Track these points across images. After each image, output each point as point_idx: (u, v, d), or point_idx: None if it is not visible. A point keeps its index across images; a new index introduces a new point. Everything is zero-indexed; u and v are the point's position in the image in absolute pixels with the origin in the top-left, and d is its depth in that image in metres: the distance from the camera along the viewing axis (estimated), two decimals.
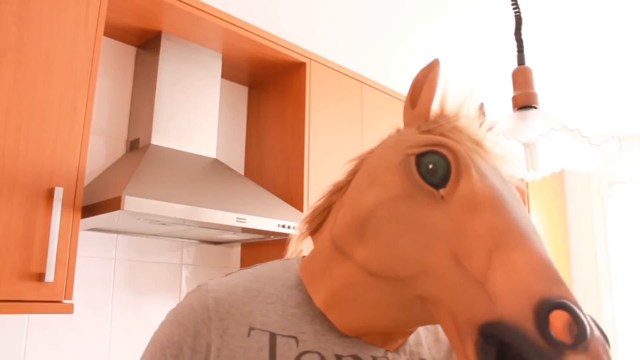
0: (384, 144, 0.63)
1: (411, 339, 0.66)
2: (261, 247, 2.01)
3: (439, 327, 0.71)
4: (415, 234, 0.54)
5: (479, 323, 0.48)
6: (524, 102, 1.06)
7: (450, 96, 0.62)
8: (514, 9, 1.14)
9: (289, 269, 0.66)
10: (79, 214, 1.32)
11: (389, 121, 2.35)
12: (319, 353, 0.59)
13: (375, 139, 2.24)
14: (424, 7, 1.71)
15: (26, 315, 1.51)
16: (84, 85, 1.37)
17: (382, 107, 2.32)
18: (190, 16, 1.68)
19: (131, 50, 1.87)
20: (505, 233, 0.51)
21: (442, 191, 0.55)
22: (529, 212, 2.68)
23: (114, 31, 1.77)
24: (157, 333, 0.62)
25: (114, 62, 1.81)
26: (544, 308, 0.45)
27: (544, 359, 0.44)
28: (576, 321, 0.44)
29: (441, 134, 0.59)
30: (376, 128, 2.26)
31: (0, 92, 1.23)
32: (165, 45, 1.76)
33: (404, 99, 2.43)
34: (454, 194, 0.54)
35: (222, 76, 2.13)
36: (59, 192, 1.27)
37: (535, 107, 1.06)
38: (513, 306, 0.47)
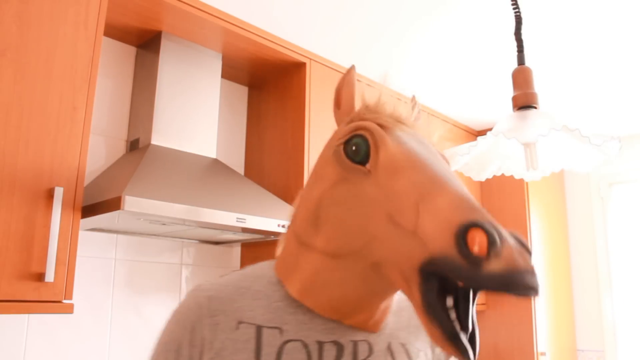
0: (325, 145, 0.71)
1: (392, 322, 0.72)
2: (261, 247, 2.01)
3: None
4: (355, 209, 0.61)
5: (417, 266, 0.54)
6: (524, 102, 1.06)
7: (370, 91, 0.69)
8: (514, 9, 1.14)
9: (272, 267, 0.73)
10: (79, 214, 1.32)
11: None
12: (301, 341, 0.64)
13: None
14: (423, 7, 1.71)
15: (26, 315, 1.51)
16: (84, 85, 1.37)
17: None
18: (190, 16, 1.68)
19: (131, 50, 1.87)
20: (426, 184, 0.57)
21: (368, 166, 0.62)
22: (528, 212, 2.68)
23: (114, 31, 1.77)
24: (160, 333, 0.68)
25: (114, 62, 1.81)
26: (460, 231, 0.51)
27: (466, 276, 0.50)
28: (487, 234, 0.50)
29: (361, 120, 0.67)
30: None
31: (0, 92, 1.23)
32: (165, 45, 1.76)
33: (404, 99, 2.43)
34: (378, 165, 0.62)
35: (222, 76, 2.13)
36: (59, 192, 1.27)
37: (535, 107, 1.06)
38: (439, 241, 0.52)
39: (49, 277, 1.22)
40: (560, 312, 2.80)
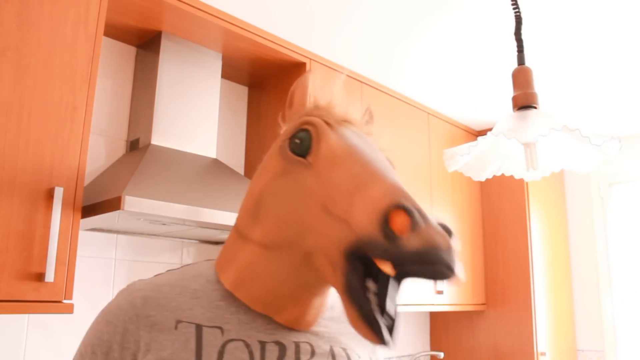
0: (273, 144, 0.73)
1: (333, 327, 0.72)
2: None
3: None
4: (293, 199, 0.62)
5: (343, 249, 0.55)
6: (524, 102, 1.06)
7: (325, 93, 0.70)
8: (514, 9, 1.14)
9: (212, 266, 0.71)
10: (79, 214, 1.32)
11: (388, 120, 2.35)
12: (243, 341, 0.63)
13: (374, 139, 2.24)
14: (423, 7, 1.71)
15: (26, 315, 1.51)
16: (84, 85, 1.37)
17: (382, 106, 2.32)
18: (190, 16, 1.68)
19: (131, 50, 1.87)
20: (362, 175, 0.58)
21: (309, 158, 0.63)
22: (528, 212, 2.68)
23: (114, 31, 1.77)
24: (87, 333, 0.66)
25: (114, 62, 1.81)
26: (384, 213, 0.53)
27: (386, 253, 0.52)
28: (409, 216, 0.52)
29: (309, 116, 0.68)
30: (376, 128, 2.26)
31: (0, 92, 1.23)
32: (165, 45, 1.76)
33: (404, 99, 2.43)
34: (318, 157, 0.62)
35: (222, 76, 2.13)
36: (59, 192, 1.27)
37: (535, 107, 1.06)
38: (365, 223, 0.54)
39: (49, 277, 1.22)
40: (560, 312, 2.80)
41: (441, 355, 2.64)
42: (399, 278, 0.55)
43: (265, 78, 2.15)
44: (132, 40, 1.83)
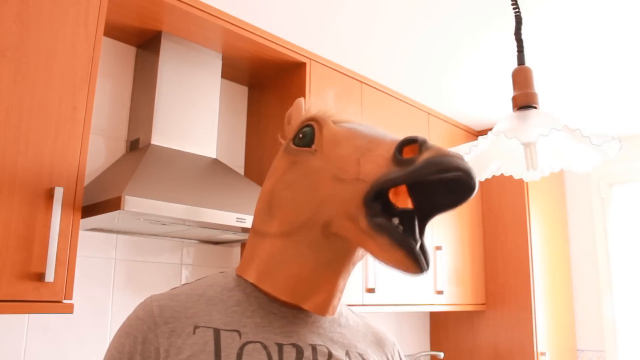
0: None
1: (349, 334, 0.74)
2: None
3: (383, 335, 0.81)
4: (304, 183, 0.65)
5: (361, 198, 0.59)
6: (524, 102, 1.06)
7: (320, 105, 0.75)
8: (514, 9, 1.14)
9: (227, 276, 0.74)
10: (79, 214, 1.32)
11: (388, 121, 2.35)
12: (261, 343, 0.64)
13: None
14: (423, 6, 1.71)
15: (26, 315, 1.51)
16: (84, 85, 1.37)
17: (382, 107, 2.32)
18: (190, 16, 1.68)
19: (131, 50, 1.87)
20: (366, 145, 0.63)
21: (314, 146, 0.68)
22: (528, 212, 2.68)
23: (114, 31, 1.77)
24: (109, 347, 0.67)
25: (114, 62, 1.81)
26: (396, 152, 0.58)
27: (404, 175, 0.55)
28: (419, 141, 0.57)
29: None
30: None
31: (0, 92, 1.23)
32: (165, 45, 1.76)
33: (404, 99, 2.43)
34: (322, 142, 0.67)
35: (222, 76, 2.13)
36: (59, 192, 1.27)
37: (535, 107, 1.06)
38: (377, 169, 0.59)
39: (49, 277, 1.22)
40: (560, 312, 2.80)
41: (441, 355, 2.64)
42: (418, 207, 0.60)
43: (265, 78, 2.15)
44: (132, 40, 1.83)
